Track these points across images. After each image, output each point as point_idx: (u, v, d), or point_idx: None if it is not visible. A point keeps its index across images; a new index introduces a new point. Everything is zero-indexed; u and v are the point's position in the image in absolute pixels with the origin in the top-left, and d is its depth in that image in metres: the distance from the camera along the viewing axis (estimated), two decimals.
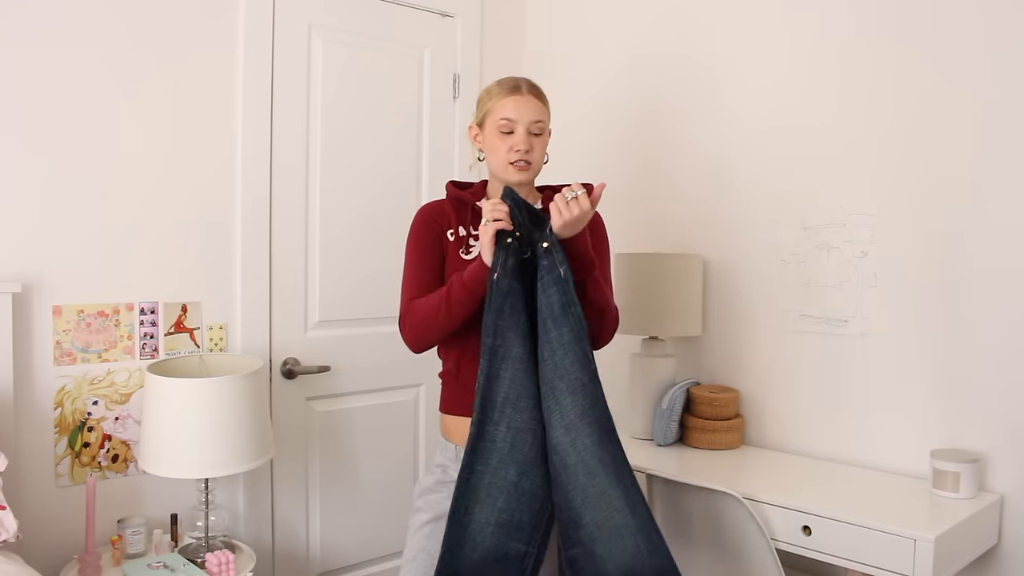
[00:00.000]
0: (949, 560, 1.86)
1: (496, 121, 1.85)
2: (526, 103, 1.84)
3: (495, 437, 1.71)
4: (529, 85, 1.87)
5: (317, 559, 2.75)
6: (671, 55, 2.79)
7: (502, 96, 1.86)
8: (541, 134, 1.86)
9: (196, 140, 2.45)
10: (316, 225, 2.70)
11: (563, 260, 1.70)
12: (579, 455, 1.67)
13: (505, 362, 1.71)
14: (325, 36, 2.70)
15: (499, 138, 1.85)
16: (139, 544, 2.22)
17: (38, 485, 2.20)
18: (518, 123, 1.83)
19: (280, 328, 2.63)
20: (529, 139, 1.84)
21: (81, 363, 2.26)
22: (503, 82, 1.89)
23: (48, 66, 2.18)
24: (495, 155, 1.86)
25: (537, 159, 1.86)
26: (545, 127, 1.87)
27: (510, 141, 1.83)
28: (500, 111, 1.85)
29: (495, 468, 1.71)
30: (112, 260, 2.31)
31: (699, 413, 2.52)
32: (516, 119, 1.83)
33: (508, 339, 1.71)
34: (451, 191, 1.96)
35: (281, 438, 2.61)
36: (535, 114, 1.84)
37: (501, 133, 1.84)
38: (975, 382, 2.14)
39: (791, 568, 2.35)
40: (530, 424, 1.71)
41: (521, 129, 1.83)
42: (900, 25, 2.26)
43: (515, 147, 1.83)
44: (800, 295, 2.49)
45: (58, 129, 2.21)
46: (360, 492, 2.83)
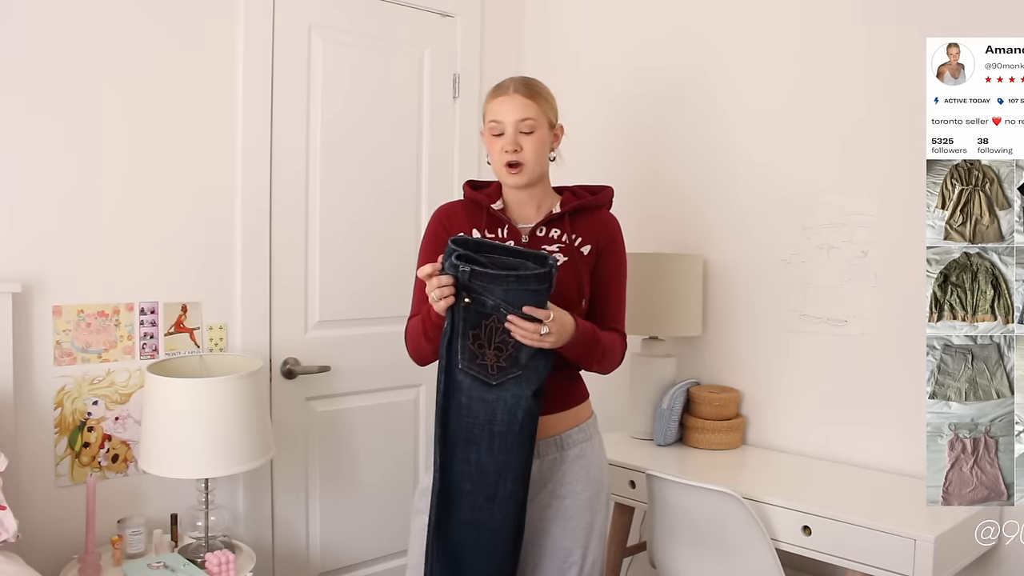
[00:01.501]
0: (949, 560, 1.86)
1: (488, 124, 1.85)
2: (511, 103, 1.82)
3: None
4: (518, 84, 1.85)
5: (317, 559, 2.74)
6: (671, 56, 2.79)
7: (491, 98, 1.86)
8: (532, 132, 1.82)
9: (196, 140, 2.45)
10: (316, 225, 2.70)
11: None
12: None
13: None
14: (325, 36, 2.70)
15: (492, 141, 1.84)
16: (139, 544, 2.22)
17: (38, 485, 2.20)
18: (505, 124, 1.82)
19: (280, 328, 2.63)
20: (518, 139, 1.81)
21: (81, 363, 2.26)
22: (497, 84, 1.89)
23: (48, 67, 2.18)
24: (492, 159, 1.86)
25: (530, 159, 1.82)
26: (537, 124, 1.82)
27: (500, 143, 1.82)
28: (490, 113, 1.85)
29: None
30: (112, 260, 2.30)
31: (699, 413, 2.52)
32: (502, 120, 1.82)
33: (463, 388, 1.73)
34: (467, 192, 1.95)
35: (281, 438, 2.61)
36: (520, 112, 1.81)
37: (492, 136, 1.84)
38: None
39: (791, 568, 2.35)
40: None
41: (509, 130, 1.81)
42: (899, 27, 2.26)
43: (504, 148, 1.81)
44: (800, 295, 2.49)
45: (58, 129, 2.21)
46: (360, 492, 2.83)
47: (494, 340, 1.68)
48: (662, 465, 2.30)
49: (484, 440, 1.71)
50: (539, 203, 1.91)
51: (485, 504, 1.73)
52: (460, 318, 1.66)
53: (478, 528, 1.74)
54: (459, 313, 1.65)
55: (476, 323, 1.66)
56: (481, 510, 1.73)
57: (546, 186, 1.92)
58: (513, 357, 1.69)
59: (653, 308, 2.54)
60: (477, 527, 1.74)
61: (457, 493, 1.74)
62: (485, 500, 1.73)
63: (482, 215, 1.90)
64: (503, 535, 1.75)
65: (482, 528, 1.74)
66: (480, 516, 1.74)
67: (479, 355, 1.68)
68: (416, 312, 1.85)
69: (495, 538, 1.75)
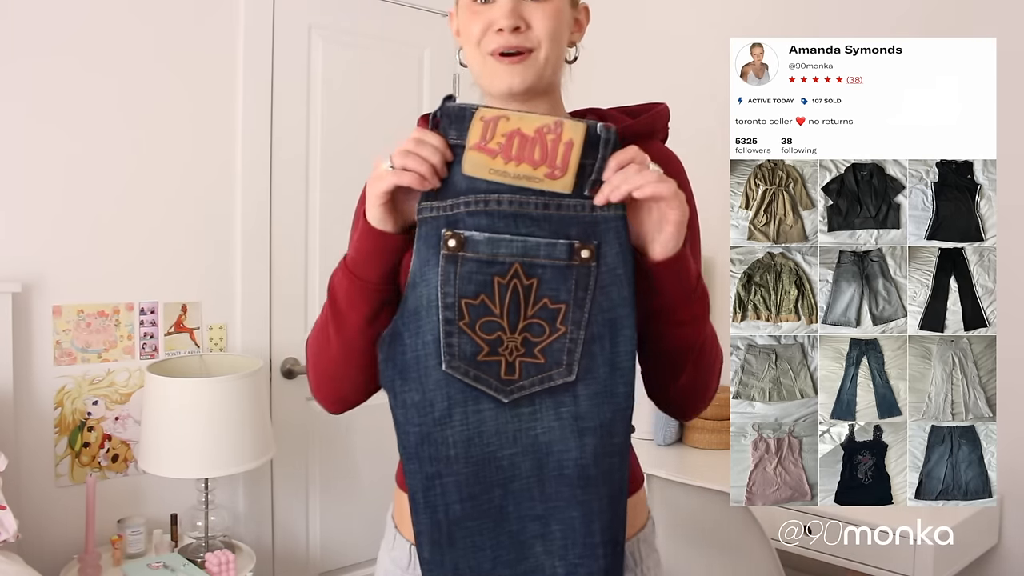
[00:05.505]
0: (949, 560, 1.86)
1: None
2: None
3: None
4: None
5: (317, 559, 2.74)
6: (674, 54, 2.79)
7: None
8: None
9: (196, 140, 2.45)
10: (316, 224, 2.70)
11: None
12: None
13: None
14: (325, 36, 2.70)
15: (472, 17, 1.04)
16: (139, 544, 2.22)
17: (38, 485, 2.20)
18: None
19: (280, 328, 2.63)
20: (520, 7, 1.01)
21: (81, 363, 2.26)
22: None
23: (48, 68, 2.18)
24: (470, 49, 1.06)
25: (543, 40, 1.03)
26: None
27: (487, 15, 1.02)
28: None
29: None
30: (112, 260, 2.30)
31: None
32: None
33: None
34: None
35: (281, 438, 2.61)
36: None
37: (474, 8, 1.04)
38: None
39: (791, 568, 2.35)
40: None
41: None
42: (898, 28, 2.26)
43: (495, 24, 1.01)
44: None
45: (58, 130, 2.21)
46: (360, 492, 2.83)
47: (524, 312, 0.92)
48: (662, 465, 2.30)
49: (491, 533, 0.94)
50: None
51: None
52: (439, 270, 0.92)
53: None
54: (437, 263, 0.92)
55: (479, 285, 0.92)
56: None
57: (556, 102, 1.13)
58: (561, 345, 0.92)
59: None
60: None
61: None
62: None
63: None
64: None
65: None
66: None
67: (485, 344, 0.92)
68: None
69: None
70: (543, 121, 0.91)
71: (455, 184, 0.93)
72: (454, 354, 0.92)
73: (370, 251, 0.96)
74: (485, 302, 0.92)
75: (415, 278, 0.93)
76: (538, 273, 0.92)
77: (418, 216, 0.94)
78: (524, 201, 0.92)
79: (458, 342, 0.92)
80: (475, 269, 0.92)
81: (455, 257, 0.92)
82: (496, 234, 0.92)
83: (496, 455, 0.93)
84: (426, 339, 0.93)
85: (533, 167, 0.91)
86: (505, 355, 0.92)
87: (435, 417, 0.93)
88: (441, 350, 0.92)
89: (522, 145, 0.91)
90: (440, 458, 0.93)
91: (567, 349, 0.92)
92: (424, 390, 0.93)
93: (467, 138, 0.92)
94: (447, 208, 0.93)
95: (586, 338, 0.92)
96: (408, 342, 0.93)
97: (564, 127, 0.91)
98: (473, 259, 0.92)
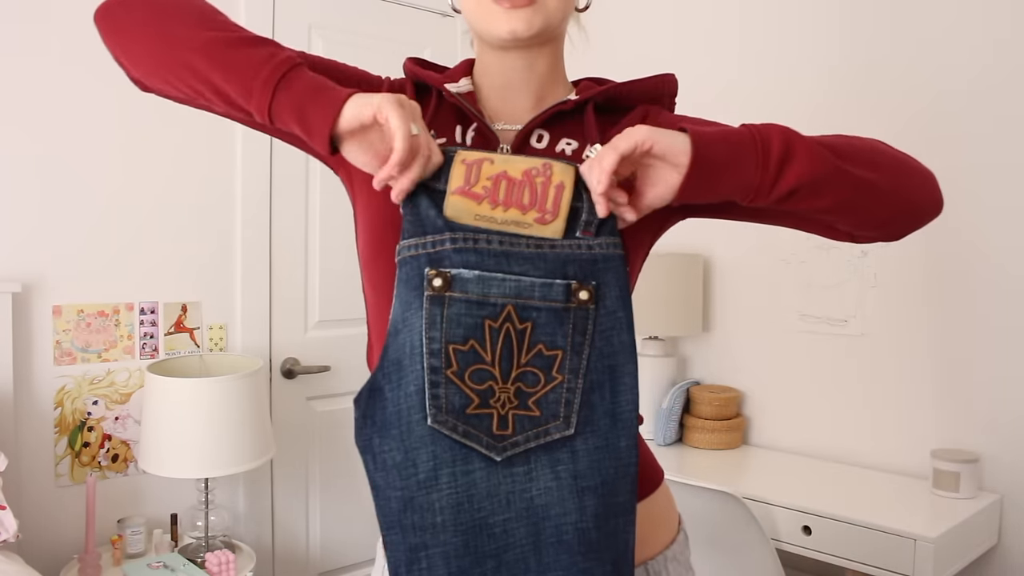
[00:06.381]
0: (949, 560, 1.86)
1: None
2: None
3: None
4: None
5: (317, 559, 2.75)
6: (674, 55, 2.79)
7: None
8: None
9: (196, 139, 2.45)
10: (316, 225, 2.70)
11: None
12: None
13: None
14: (325, 36, 2.70)
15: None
16: (139, 544, 2.22)
17: (38, 485, 2.20)
18: None
19: (280, 328, 2.63)
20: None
21: (81, 363, 2.26)
22: None
23: (48, 68, 2.18)
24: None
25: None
26: None
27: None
28: None
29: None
30: (112, 260, 2.30)
31: (699, 413, 2.52)
32: None
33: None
34: (410, 70, 1.09)
35: (281, 438, 2.61)
36: None
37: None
38: (975, 382, 2.14)
39: (791, 568, 2.35)
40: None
41: None
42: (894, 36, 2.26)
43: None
44: (800, 295, 2.49)
45: (58, 130, 2.21)
46: (360, 492, 2.83)
47: (518, 359, 0.84)
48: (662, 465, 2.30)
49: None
50: (540, 87, 1.00)
51: None
52: (423, 313, 0.84)
53: None
54: (420, 305, 0.84)
55: (469, 329, 0.84)
56: None
57: (557, 61, 1.01)
58: (557, 395, 0.85)
59: (653, 308, 2.54)
60: None
61: None
62: None
63: (427, 109, 1.02)
64: None
65: None
66: None
67: (476, 395, 0.84)
68: None
69: None
70: (530, 163, 0.86)
71: (432, 220, 0.85)
72: (440, 407, 0.82)
73: (309, 121, 0.85)
74: (475, 348, 0.83)
75: (396, 325, 0.84)
76: (532, 316, 0.83)
77: (397, 257, 0.86)
78: (515, 241, 0.85)
79: (445, 393, 0.82)
80: (464, 311, 0.82)
81: (441, 298, 0.82)
82: (487, 272, 0.83)
83: (488, 521, 0.82)
84: (408, 391, 0.82)
85: (522, 212, 0.85)
86: (497, 407, 0.83)
87: (419, 479, 0.82)
88: (426, 402, 0.82)
89: (509, 189, 0.85)
90: (426, 527, 0.82)
91: (564, 400, 0.84)
92: (407, 448, 0.82)
93: (448, 182, 0.86)
94: (429, 245, 0.84)
95: (584, 387, 0.84)
96: (389, 395, 0.83)
97: (554, 169, 0.86)
98: (462, 300, 0.82)
